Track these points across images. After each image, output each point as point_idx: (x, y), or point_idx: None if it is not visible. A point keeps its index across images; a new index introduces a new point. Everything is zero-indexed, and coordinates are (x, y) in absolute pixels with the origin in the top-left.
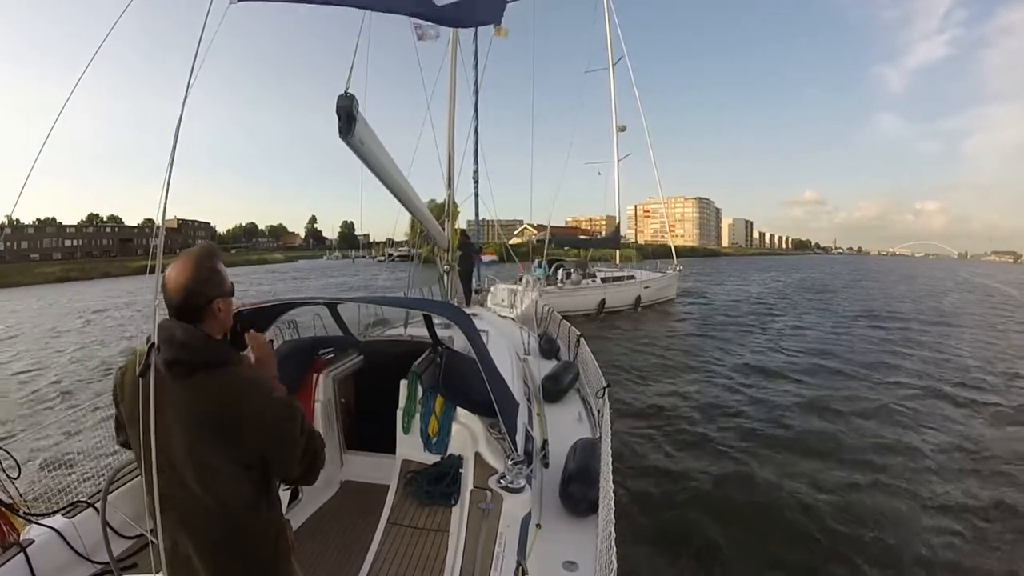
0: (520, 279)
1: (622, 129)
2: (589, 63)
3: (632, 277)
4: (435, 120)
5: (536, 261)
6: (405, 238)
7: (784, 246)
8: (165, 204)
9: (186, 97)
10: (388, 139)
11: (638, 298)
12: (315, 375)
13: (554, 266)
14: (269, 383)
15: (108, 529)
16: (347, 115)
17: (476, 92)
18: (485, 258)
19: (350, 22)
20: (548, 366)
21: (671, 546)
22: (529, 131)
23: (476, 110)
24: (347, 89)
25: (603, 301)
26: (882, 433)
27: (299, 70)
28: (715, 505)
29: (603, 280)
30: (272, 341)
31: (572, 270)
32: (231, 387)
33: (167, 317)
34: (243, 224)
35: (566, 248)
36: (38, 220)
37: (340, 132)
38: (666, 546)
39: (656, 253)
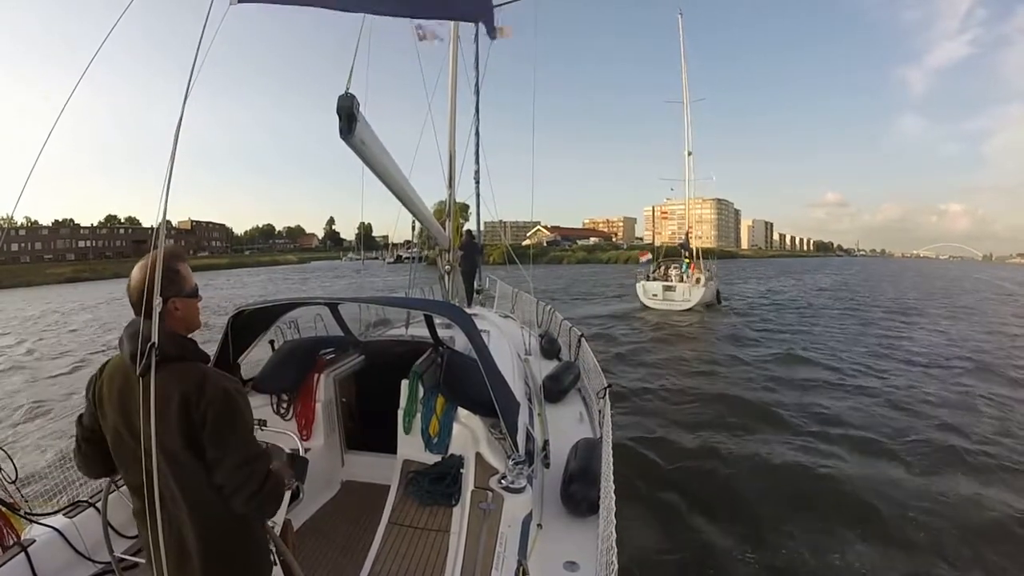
0: (651, 273)
1: (689, 154)
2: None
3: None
4: (437, 121)
5: (685, 262)
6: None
7: (805, 248)
8: (166, 203)
9: (187, 96)
10: (391, 139)
11: (718, 292)
12: (316, 375)
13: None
14: (227, 377)
15: (109, 528)
16: (348, 115)
17: (477, 92)
18: (643, 259)
19: (354, 21)
20: (549, 366)
21: (672, 547)
22: (551, 134)
23: (477, 110)
24: (347, 89)
25: (717, 294)
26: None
27: (319, 71)
28: (718, 505)
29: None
30: (272, 341)
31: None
32: (188, 376)
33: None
34: (260, 225)
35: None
36: (55, 221)
37: (341, 132)
38: (667, 547)
39: (669, 252)
